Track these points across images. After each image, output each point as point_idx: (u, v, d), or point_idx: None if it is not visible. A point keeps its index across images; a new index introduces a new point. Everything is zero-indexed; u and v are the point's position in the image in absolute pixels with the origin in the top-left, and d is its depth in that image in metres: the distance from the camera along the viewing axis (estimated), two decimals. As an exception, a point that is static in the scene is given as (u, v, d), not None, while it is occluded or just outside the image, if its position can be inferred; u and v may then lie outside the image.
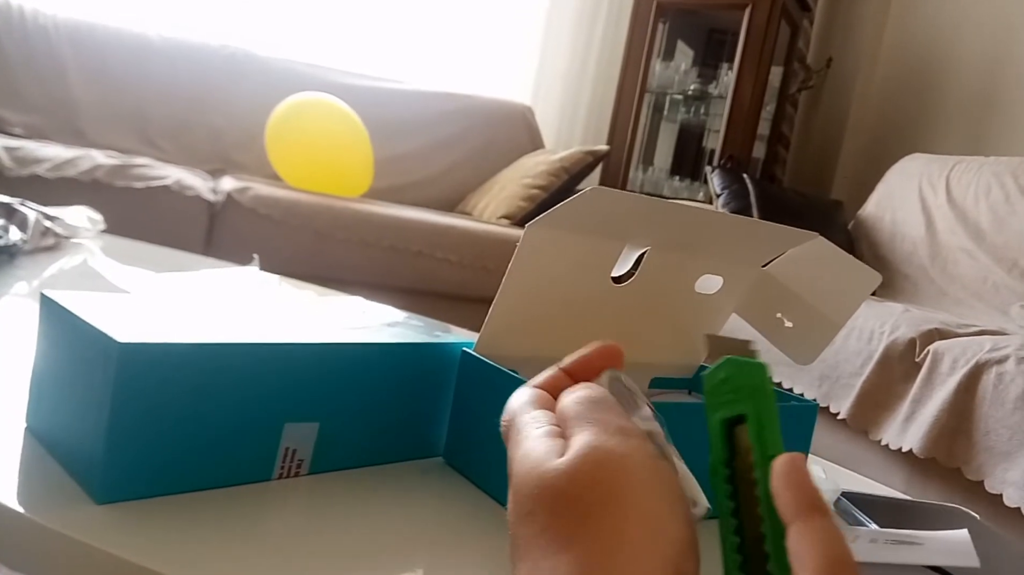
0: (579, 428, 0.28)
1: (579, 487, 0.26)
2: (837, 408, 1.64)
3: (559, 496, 0.26)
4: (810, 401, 0.59)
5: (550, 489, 0.26)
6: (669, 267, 0.60)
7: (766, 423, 0.27)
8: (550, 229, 0.53)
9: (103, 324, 0.40)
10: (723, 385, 0.28)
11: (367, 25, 2.96)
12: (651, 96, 3.21)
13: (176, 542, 0.38)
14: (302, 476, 0.48)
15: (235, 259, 1.21)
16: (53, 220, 1.07)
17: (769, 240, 0.61)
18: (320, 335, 0.49)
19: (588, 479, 0.26)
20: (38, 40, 2.35)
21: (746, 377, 0.28)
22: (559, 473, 0.26)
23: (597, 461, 0.26)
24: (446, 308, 1.91)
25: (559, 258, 0.55)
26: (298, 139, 2.24)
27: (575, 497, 0.26)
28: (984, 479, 1.32)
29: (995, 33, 2.83)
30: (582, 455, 0.27)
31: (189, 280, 0.90)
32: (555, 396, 0.32)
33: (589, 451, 0.27)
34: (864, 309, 1.74)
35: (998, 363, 1.38)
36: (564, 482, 0.26)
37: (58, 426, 0.44)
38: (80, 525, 0.37)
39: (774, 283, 0.63)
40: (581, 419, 0.29)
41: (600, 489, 0.26)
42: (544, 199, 2.47)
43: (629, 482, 0.26)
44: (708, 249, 0.60)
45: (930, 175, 2.46)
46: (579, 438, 0.28)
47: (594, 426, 0.28)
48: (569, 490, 0.26)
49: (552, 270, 0.55)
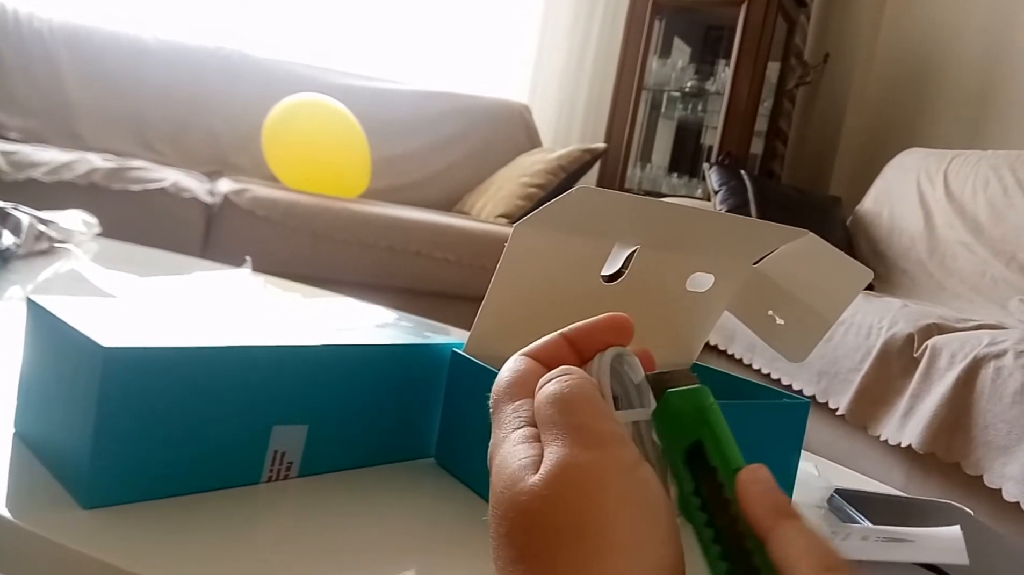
0: (552, 438, 0.27)
1: (552, 512, 0.25)
2: (836, 404, 1.64)
3: (533, 524, 0.25)
4: (801, 399, 0.59)
5: (524, 514, 0.25)
6: (659, 265, 0.60)
7: (722, 440, 0.27)
8: (538, 228, 0.53)
9: (88, 329, 0.40)
10: (671, 420, 0.28)
11: (363, 25, 2.96)
12: (648, 93, 3.21)
13: (164, 546, 0.38)
14: (291, 479, 0.48)
15: (232, 261, 1.21)
16: (47, 224, 1.07)
17: (759, 237, 0.61)
18: (309, 337, 0.49)
19: (561, 503, 0.25)
20: (34, 44, 2.35)
21: (689, 404, 0.28)
22: (532, 496, 0.25)
23: (570, 481, 0.25)
24: (445, 308, 1.91)
25: (548, 258, 0.55)
26: (295, 140, 2.24)
27: (548, 524, 0.25)
28: (983, 474, 1.32)
29: (992, 26, 2.82)
30: (554, 475, 0.25)
31: (177, 283, 0.90)
32: (551, 366, 0.31)
33: (561, 470, 0.25)
34: (862, 304, 1.74)
35: (996, 357, 1.37)
36: (537, 506, 0.25)
37: (45, 431, 0.44)
38: (67, 530, 0.37)
39: (765, 280, 0.63)
40: (555, 427, 0.27)
41: (574, 514, 0.25)
42: (542, 198, 2.47)
43: (603, 504, 0.25)
44: (698, 247, 0.60)
45: (928, 169, 2.46)
46: (551, 451, 0.26)
47: (567, 436, 0.27)
48: (541, 516, 0.25)
49: (541, 270, 0.55)
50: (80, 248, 1.13)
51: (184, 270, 1.08)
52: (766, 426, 0.57)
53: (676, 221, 0.56)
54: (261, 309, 0.57)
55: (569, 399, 0.28)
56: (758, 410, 0.58)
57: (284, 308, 0.71)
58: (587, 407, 0.28)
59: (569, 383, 0.29)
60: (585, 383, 0.29)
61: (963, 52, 2.91)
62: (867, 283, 0.61)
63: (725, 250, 0.61)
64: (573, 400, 0.28)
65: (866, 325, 1.66)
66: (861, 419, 1.58)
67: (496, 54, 3.14)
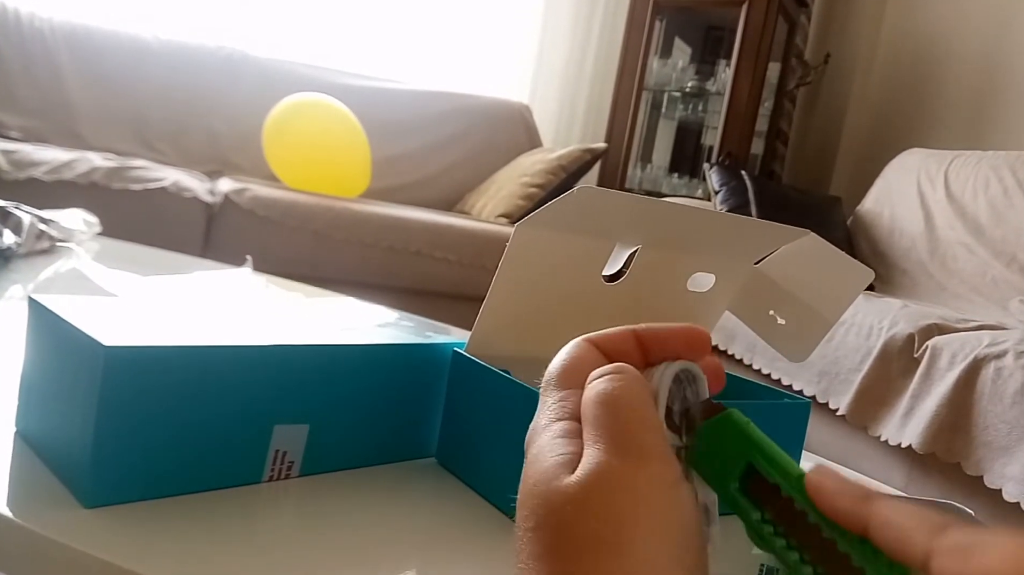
0: (594, 439, 0.26)
1: (583, 519, 0.24)
2: (836, 404, 1.63)
3: (562, 525, 0.25)
4: (802, 399, 0.59)
5: (554, 514, 0.25)
6: (660, 266, 0.60)
7: (775, 455, 0.26)
8: (540, 228, 0.53)
9: (90, 327, 0.40)
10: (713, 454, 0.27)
11: (363, 25, 2.96)
12: (649, 94, 3.21)
13: (165, 545, 0.38)
14: (292, 478, 0.48)
15: (233, 261, 1.21)
16: (48, 223, 1.07)
17: (761, 237, 0.61)
18: (310, 336, 0.49)
19: (593, 511, 0.24)
20: (34, 43, 2.35)
21: (727, 431, 0.27)
22: (566, 499, 0.25)
23: (606, 490, 0.25)
24: (445, 308, 1.91)
25: (549, 257, 0.55)
26: (296, 140, 2.24)
27: (578, 529, 0.24)
28: (983, 474, 1.32)
29: (992, 27, 2.82)
30: (591, 482, 0.25)
31: (178, 283, 0.90)
32: (612, 359, 0.29)
33: (597, 478, 0.25)
34: (863, 304, 1.73)
35: (997, 358, 1.37)
36: (570, 510, 0.25)
37: (46, 430, 0.44)
38: (68, 529, 0.37)
39: (766, 280, 0.63)
40: (598, 427, 0.26)
41: (605, 525, 0.24)
42: (543, 198, 2.47)
43: (636, 520, 0.24)
44: (699, 247, 0.60)
45: (928, 170, 2.46)
46: (591, 454, 0.26)
47: (610, 440, 0.26)
48: (572, 520, 0.25)
49: (543, 270, 0.55)
50: (81, 247, 1.13)
51: (185, 269, 1.08)
52: (767, 426, 0.57)
53: (678, 221, 0.56)
54: (262, 309, 0.57)
55: (617, 401, 0.27)
56: (759, 410, 0.58)
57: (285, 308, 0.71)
58: (634, 413, 0.27)
59: (622, 383, 0.27)
60: (638, 387, 0.27)
61: (964, 53, 2.90)
62: (868, 283, 0.61)
63: (727, 250, 0.61)
64: (621, 403, 0.27)
65: (866, 325, 1.65)
66: (861, 419, 1.57)
67: (496, 54, 3.14)
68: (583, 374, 0.29)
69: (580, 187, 0.48)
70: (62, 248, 1.10)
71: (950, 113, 2.93)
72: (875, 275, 2.40)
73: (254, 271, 1.09)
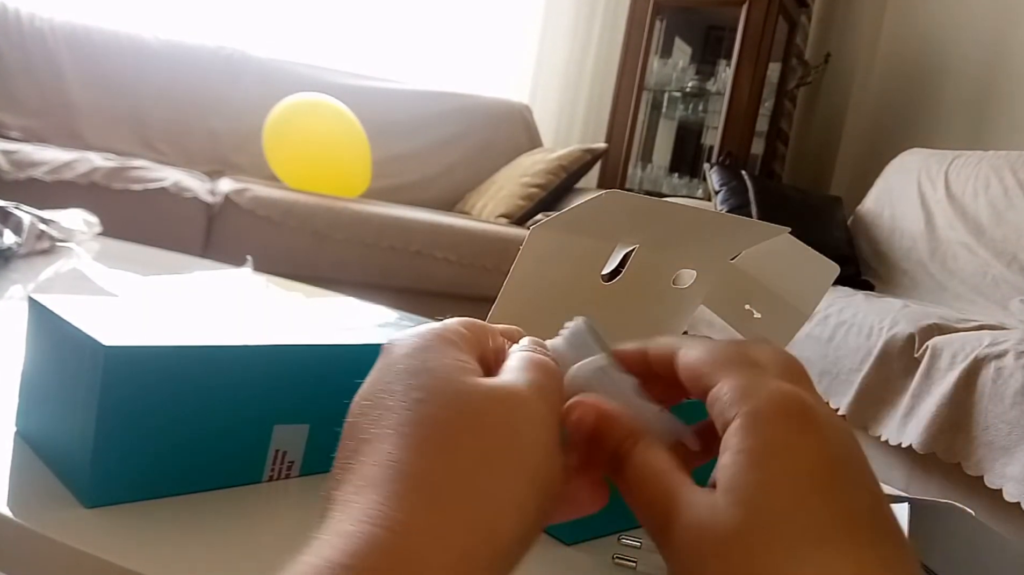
0: (518, 369, 0.29)
1: (487, 410, 0.26)
2: (836, 404, 1.63)
3: (465, 408, 0.26)
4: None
5: (461, 398, 0.26)
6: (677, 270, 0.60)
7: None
8: (557, 232, 0.52)
9: (89, 327, 0.40)
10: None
11: (363, 25, 2.96)
12: (649, 94, 3.21)
13: (165, 545, 0.38)
14: (293, 478, 0.48)
15: (233, 261, 1.21)
16: (48, 223, 1.07)
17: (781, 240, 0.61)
18: (310, 336, 0.49)
19: (496, 411, 0.26)
20: (35, 43, 2.35)
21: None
22: (479, 391, 0.27)
23: (513, 402, 0.27)
24: (445, 307, 1.90)
25: (564, 261, 0.54)
26: (296, 140, 2.24)
27: (480, 418, 0.26)
28: (984, 474, 1.32)
29: (993, 26, 2.82)
30: (506, 390, 0.27)
31: (179, 282, 0.89)
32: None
33: (512, 391, 0.27)
34: (863, 304, 1.73)
35: (997, 358, 1.37)
36: (477, 397, 0.26)
37: (46, 430, 0.44)
38: (69, 529, 0.37)
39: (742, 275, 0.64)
40: (525, 363, 0.29)
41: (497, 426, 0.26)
42: (543, 198, 2.47)
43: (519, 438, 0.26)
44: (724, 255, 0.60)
45: (929, 170, 2.46)
46: (510, 378, 0.28)
47: (527, 377, 0.28)
48: (478, 408, 0.26)
49: (556, 273, 0.54)
50: (81, 247, 1.13)
51: (185, 269, 1.08)
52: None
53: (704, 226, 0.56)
54: (263, 308, 0.57)
55: (542, 358, 0.30)
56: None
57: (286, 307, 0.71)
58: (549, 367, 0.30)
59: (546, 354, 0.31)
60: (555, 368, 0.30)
61: (964, 52, 2.90)
62: (835, 276, 0.62)
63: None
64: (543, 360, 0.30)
65: (867, 325, 1.65)
66: (862, 419, 1.58)
67: (497, 54, 3.14)
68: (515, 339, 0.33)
69: (607, 191, 0.48)
70: (62, 248, 1.10)
71: (950, 113, 2.93)
72: (875, 275, 2.40)
73: (254, 271, 1.09)
